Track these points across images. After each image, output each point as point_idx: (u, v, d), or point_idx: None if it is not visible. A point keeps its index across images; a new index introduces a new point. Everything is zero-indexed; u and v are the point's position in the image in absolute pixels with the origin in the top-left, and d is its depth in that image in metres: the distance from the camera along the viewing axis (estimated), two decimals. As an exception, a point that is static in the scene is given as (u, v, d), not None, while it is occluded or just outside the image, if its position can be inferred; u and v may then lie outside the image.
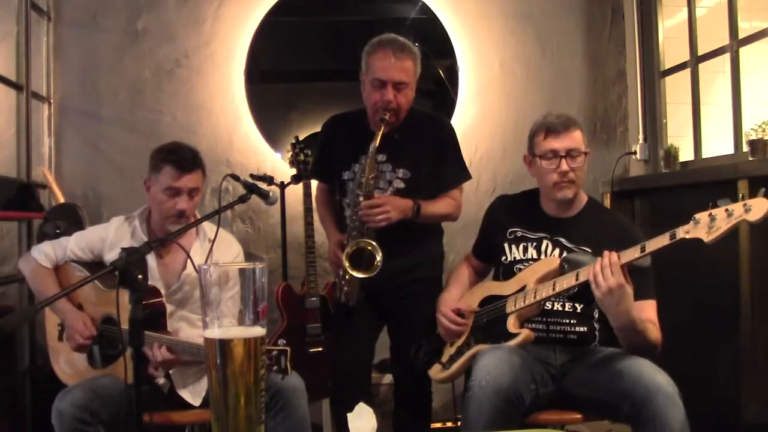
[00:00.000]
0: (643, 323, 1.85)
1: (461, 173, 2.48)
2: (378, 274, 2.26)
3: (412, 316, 2.37)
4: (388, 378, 3.00)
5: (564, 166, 2.01)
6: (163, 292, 2.14)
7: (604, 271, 1.75)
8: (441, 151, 2.42)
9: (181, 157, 2.14)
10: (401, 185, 2.35)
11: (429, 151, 2.39)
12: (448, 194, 2.42)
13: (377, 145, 2.26)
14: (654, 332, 1.89)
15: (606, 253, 1.78)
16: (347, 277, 2.30)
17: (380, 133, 2.26)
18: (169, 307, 2.15)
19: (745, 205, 1.55)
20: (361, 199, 2.27)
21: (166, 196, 2.12)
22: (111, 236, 2.20)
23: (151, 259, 2.15)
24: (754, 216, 1.53)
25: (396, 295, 2.40)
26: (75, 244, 2.22)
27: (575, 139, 2.03)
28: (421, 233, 2.41)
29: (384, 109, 2.27)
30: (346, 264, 2.26)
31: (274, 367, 1.66)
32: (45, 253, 2.21)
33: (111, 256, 2.17)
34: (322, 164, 2.59)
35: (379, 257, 2.23)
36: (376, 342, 2.52)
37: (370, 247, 2.25)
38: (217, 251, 2.16)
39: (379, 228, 2.26)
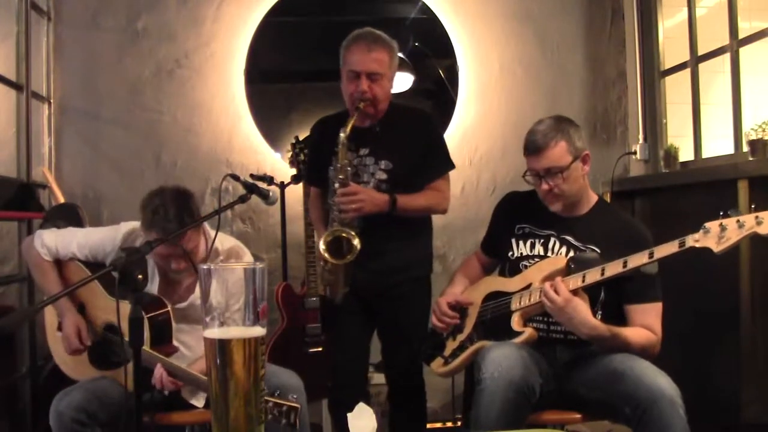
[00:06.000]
0: (613, 329, 1.87)
1: (444, 164, 2.43)
2: (365, 275, 2.26)
3: (401, 318, 2.36)
4: (387, 378, 3.00)
5: (544, 185, 2.03)
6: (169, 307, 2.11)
7: (548, 295, 1.84)
8: (423, 143, 2.39)
9: (166, 227, 1.95)
10: (383, 176, 2.31)
11: (411, 143, 2.36)
12: (432, 186, 2.39)
13: (348, 131, 2.22)
14: (639, 337, 1.90)
15: (547, 283, 1.87)
16: (327, 266, 2.28)
17: (352, 119, 2.24)
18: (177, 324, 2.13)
19: (756, 217, 1.56)
20: (336, 185, 2.25)
21: (161, 259, 2.08)
22: (119, 243, 2.15)
23: (152, 276, 2.13)
24: (766, 229, 1.54)
25: (384, 296, 2.37)
26: (77, 248, 2.19)
27: (553, 156, 2.00)
28: (409, 233, 2.38)
29: (359, 99, 2.26)
30: (322, 249, 2.23)
31: (283, 421, 1.64)
32: (47, 246, 2.19)
33: None
34: (314, 168, 2.55)
35: (356, 242, 2.21)
36: (370, 342, 2.50)
37: (345, 235, 2.23)
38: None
39: (357, 218, 2.23)
